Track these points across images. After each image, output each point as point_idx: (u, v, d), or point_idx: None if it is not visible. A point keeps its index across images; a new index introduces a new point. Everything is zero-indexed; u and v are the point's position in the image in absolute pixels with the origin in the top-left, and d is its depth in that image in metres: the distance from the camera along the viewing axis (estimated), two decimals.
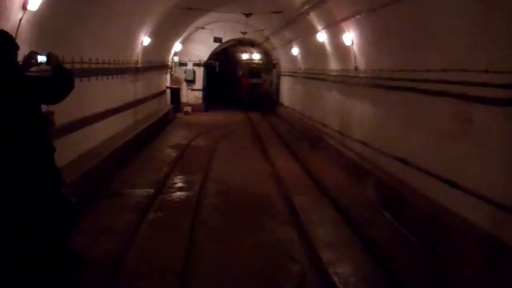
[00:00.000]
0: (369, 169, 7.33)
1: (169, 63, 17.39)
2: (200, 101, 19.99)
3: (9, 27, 4.54)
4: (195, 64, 19.59)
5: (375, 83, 7.34)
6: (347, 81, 9.11)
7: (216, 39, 18.26)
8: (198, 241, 5.27)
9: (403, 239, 5.49)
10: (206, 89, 20.63)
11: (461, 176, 4.64)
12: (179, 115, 17.85)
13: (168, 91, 17.44)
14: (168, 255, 4.80)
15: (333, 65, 10.36)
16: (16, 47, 3.51)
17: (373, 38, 7.46)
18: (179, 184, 7.81)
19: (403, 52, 6.24)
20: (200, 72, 19.84)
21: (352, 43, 8.31)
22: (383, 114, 7.15)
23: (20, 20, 4.67)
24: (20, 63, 3.77)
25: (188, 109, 18.95)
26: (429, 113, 5.47)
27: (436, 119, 5.29)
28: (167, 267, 4.51)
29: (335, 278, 4.35)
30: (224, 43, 19.34)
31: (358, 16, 7.37)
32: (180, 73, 19.27)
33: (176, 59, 18.52)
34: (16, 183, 3.43)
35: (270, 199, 7.24)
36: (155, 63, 13.77)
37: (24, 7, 4.65)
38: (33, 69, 3.86)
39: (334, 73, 10.29)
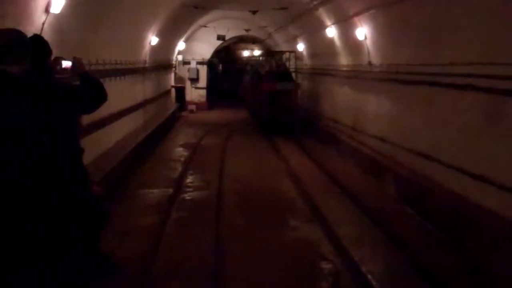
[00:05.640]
0: (388, 165, 7.29)
1: (173, 62, 17.32)
2: (204, 99, 19.93)
3: (33, 30, 4.50)
4: (198, 63, 19.49)
5: (392, 78, 7.30)
6: (360, 76, 9.07)
7: (220, 37, 18.23)
8: (225, 240, 5.24)
9: (430, 234, 5.46)
10: (209, 87, 20.55)
11: (491, 170, 4.61)
12: (184, 113, 17.78)
13: (173, 90, 17.37)
14: (197, 256, 4.77)
15: (344, 60, 10.31)
16: (50, 52, 3.48)
17: (389, 32, 7.41)
18: (196, 183, 7.78)
19: (423, 46, 6.17)
20: (203, 70, 19.76)
21: (365, 38, 8.26)
22: (401, 109, 7.11)
23: (43, 23, 4.63)
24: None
25: (193, 107, 18.87)
26: (454, 107, 5.43)
27: (461, 113, 5.25)
28: (198, 268, 4.49)
29: (369, 276, 4.33)
30: (227, 40, 19.27)
31: (373, 11, 7.33)
32: (183, 71, 19.18)
33: (180, 57, 18.43)
34: (47, 187, 3.40)
35: (289, 196, 7.22)
36: (162, 62, 13.71)
37: (47, 10, 4.61)
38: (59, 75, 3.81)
39: (345, 69, 10.25)
